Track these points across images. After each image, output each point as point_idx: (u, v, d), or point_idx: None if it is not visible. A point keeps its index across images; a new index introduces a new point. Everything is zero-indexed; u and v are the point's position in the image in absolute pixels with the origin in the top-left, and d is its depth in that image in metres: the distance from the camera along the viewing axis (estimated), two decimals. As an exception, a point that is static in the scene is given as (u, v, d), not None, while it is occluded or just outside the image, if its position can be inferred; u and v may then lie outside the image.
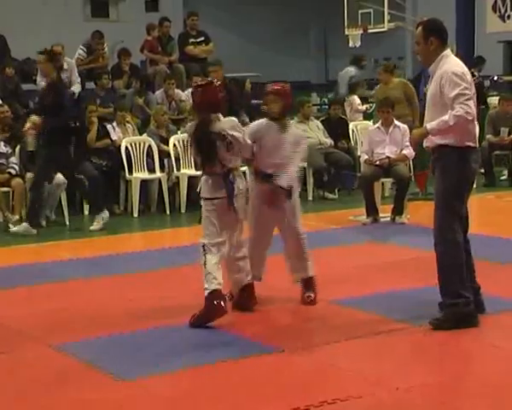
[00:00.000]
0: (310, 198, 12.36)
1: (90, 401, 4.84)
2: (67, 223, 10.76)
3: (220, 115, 6.27)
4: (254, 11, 23.32)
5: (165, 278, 7.73)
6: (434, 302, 6.56)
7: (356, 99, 14.71)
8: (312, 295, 6.67)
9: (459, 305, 5.88)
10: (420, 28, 6.00)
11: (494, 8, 20.64)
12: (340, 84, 15.90)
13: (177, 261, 8.33)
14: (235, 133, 6.23)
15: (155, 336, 6.03)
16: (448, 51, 5.95)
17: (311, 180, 12.42)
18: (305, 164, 12.38)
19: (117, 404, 4.83)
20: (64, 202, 10.78)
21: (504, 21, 20.52)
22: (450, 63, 5.91)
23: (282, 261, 6.84)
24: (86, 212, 11.33)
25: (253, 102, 14.00)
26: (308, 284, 6.71)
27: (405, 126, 10.30)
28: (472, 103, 5.80)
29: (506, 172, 13.55)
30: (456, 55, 6.36)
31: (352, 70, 15.90)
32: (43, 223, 10.47)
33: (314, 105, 16.00)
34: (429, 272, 7.52)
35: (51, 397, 4.94)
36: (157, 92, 12.91)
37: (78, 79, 12.24)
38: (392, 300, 6.75)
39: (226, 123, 6.27)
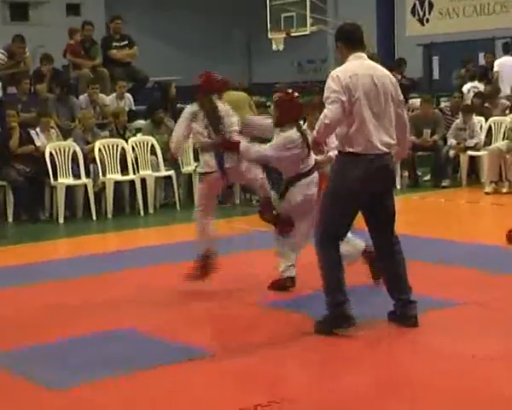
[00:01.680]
0: (237, 202, 12.39)
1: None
2: (-9, 231, 10.55)
3: None
4: (178, 15, 23.29)
5: (91, 285, 7.65)
6: (365, 302, 6.66)
7: None
8: None
9: (334, 306, 5.87)
10: None
11: (413, 11, 21.00)
12: None
13: (103, 268, 8.27)
14: None
15: (84, 343, 5.95)
16: (356, 55, 5.85)
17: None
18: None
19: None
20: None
21: (423, 25, 20.90)
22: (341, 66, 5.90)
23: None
24: (10, 219, 11.13)
25: (178, 106, 13.94)
26: None
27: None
28: (334, 107, 5.63)
29: (429, 173, 13.80)
30: (372, 57, 6.37)
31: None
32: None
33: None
34: (355, 272, 7.65)
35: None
36: (81, 97, 12.76)
37: (-1, 83, 12.01)
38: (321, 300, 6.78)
39: None
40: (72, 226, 10.95)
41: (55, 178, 11.25)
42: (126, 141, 11.85)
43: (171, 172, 11.95)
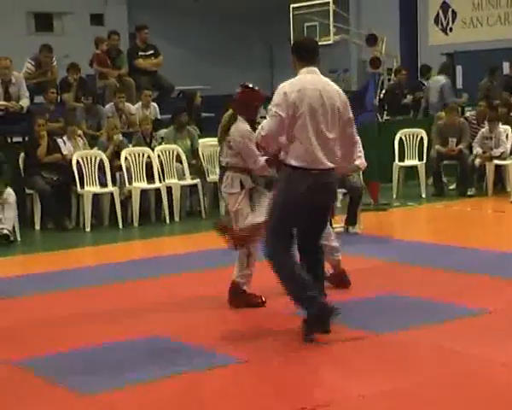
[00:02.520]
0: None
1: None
2: (18, 238, 10.62)
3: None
4: (203, 25, 23.38)
5: (116, 293, 7.69)
6: (388, 310, 6.69)
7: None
8: None
9: (307, 307, 5.92)
10: None
11: (436, 20, 20.98)
12: (430, 92, 15.87)
13: (130, 275, 8.31)
14: None
15: (115, 349, 5.99)
16: (309, 69, 5.95)
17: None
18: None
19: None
20: (15, 217, 10.63)
21: (447, 34, 20.87)
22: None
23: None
24: (37, 227, 11.21)
25: (204, 114, 14.00)
26: None
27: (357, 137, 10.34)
28: (273, 121, 5.77)
29: (455, 181, 13.74)
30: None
31: (441, 78, 15.97)
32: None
33: (262, 117, 16.03)
34: (381, 280, 7.70)
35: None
36: (107, 106, 12.83)
37: (27, 93, 12.07)
38: (346, 309, 6.79)
39: None
40: (98, 234, 11.00)
41: (82, 186, 11.31)
42: (152, 149, 11.91)
43: (197, 181, 12.00)
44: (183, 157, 11.96)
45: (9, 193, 10.52)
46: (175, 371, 5.41)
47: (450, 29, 20.82)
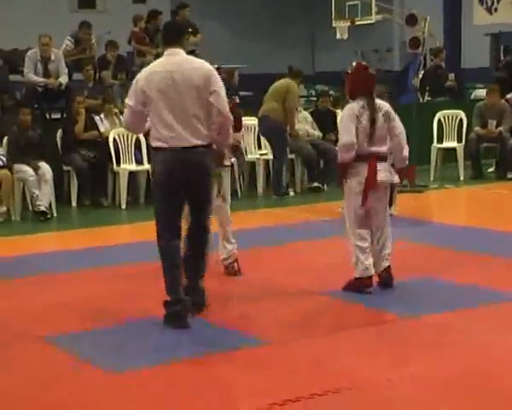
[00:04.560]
0: (298, 190, 12.36)
1: (80, 394, 4.82)
2: (55, 214, 10.72)
3: None
4: (243, 3, 23.28)
5: (154, 271, 7.70)
6: (421, 294, 6.64)
7: None
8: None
9: (168, 305, 6.00)
10: None
11: (481, 0, 20.65)
12: None
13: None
14: None
15: (145, 328, 6.02)
16: (170, 51, 6.04)
17: (299, 171, 12.46)
18: (294, 155, 12.46)
19: (107, 397, 4.81)
20: (51, 194, 10.73)
21: (491, 14, 20.53)
22: None
23: (263, 254, 6.84)
24: (74, 204, 11.30)
25: (241, 93, 13.97)
26: None
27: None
28: (125, 112, 6.17)
29: (494, 164, 13.57)
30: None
31: None
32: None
33: (301, 97, 15.98)
34: (416, 263, 7.64)
35: (41, 390, 4.92)
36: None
37: (66, 70, 12.13)
38: (383, 291, 6.77)
39: None
40: (133, 212, 11.05)
41: (118, 163, 11.37)
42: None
43: (233, 160, 11.95)
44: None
45: (46, 170, 10.61)
46: (199, 351, 5.43)
47: (495, 9, 20.48)
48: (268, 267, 7.65)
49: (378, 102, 6.80)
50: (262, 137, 12.46)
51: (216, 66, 6.33)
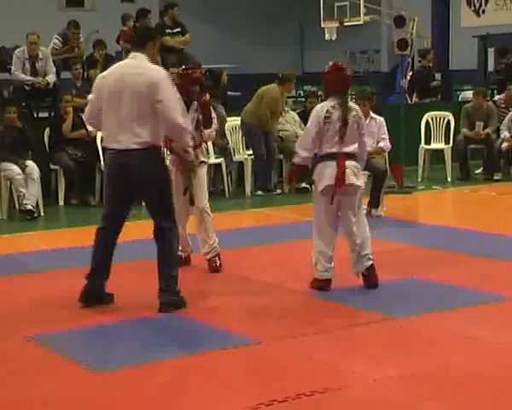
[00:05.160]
0: (286, 190, 12.36)
1: (67, 394, 4.81)
2: (42, 213, 10.69)
3: None
4: (231, 2, 23.27)
5: (141, 269, 7.70)
6: (410, 294, 6.68)
7: None
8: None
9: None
10: None
11: (469, 2, 20.73)
12: None
13: (150, 253, 8.29)
14: None
15: (131, 327, 6.02)
16: (131, 54, 6.27)
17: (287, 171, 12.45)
18: (282, 156, 12.47)
19: (94, 396, 4.80)
20: (39, 193, 10.69)
21: (479, 16, 20.62)
22: None
23: (253, 253, 6.86)
24: (61, 202, 11.27)
25: (230, 93, 13.97)
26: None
27: (381, 119, 10.30)
28: (87, 106, 6.39)
29: (481, 165, 13.62)
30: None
31: None
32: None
33: (290, 97, 16.00)
34: (403, 263, 7.67)
35: (27, 389, 4.91)
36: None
37: (53, 69, 12.10)
38: (368, 292, 6.79)
39: None
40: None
41: (106, 162, 11.33)
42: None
43: (221, 160, 11.97)
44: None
45: (33, 168, 10.58)
46: (186, 350, 5.43)
47: (483, 11, 20.57)
48: (254, 266, 7.65)
49: (350, 103, 6.87)
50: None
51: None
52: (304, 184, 12.26)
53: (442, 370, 5.03)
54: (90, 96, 6.40)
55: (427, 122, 13.56)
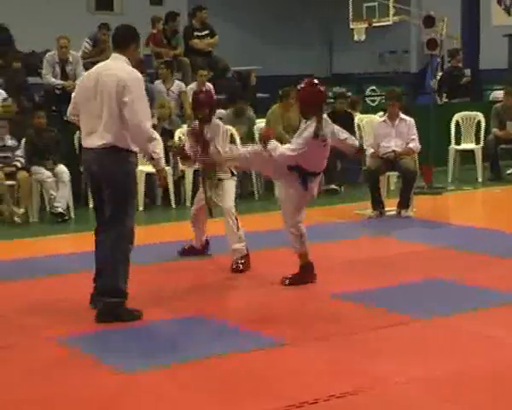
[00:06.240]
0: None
1: (91, 394, 4.84)
2: (72, 216, 10.76)
3: None
4: (260, 5, 23.29)
5: (168, 271, 7.75)
6: (433, 295, 6.64)
7: None
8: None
9: None
10: None
11: (499, 0, 20.55)
12: None
13: (168, 256, 8.32)
14: None
15: (156, 328, 6.07)
16: (113, 55, 6.32)
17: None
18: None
19: (117, 396, 4.83)
20: (69, 196, 10.77)
21: (510, 14, 20.42)
22: None
23: (277, 255, 7.13)
24: (91, 205, 11.31)
25: (258, 95, 13.98)
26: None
27: (411, 119, 10.27)
28: (70, 104, 6.43)
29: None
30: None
31: None
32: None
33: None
34: (428, 265, 7.63)
35: (53, 390, 4.94)
36: (156, 82, 12.88)
37: (83, 73, 12.17)
38: (391, 293, 6.77)
39: None
40: (151, 214, 11.08)
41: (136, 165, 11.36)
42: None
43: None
44: (237, 139, 11.94)
45: (64, 171, 10.66)
46: (213, 352, 5.43)
47: (514, 9, 20.38)
48: (280, 268, 7.61)
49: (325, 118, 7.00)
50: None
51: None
52: (333, 186, 12.26)
53: (472, 373, 5.01)
54: (73, 94, 6.53)
55: (457, 122, 13.47)
